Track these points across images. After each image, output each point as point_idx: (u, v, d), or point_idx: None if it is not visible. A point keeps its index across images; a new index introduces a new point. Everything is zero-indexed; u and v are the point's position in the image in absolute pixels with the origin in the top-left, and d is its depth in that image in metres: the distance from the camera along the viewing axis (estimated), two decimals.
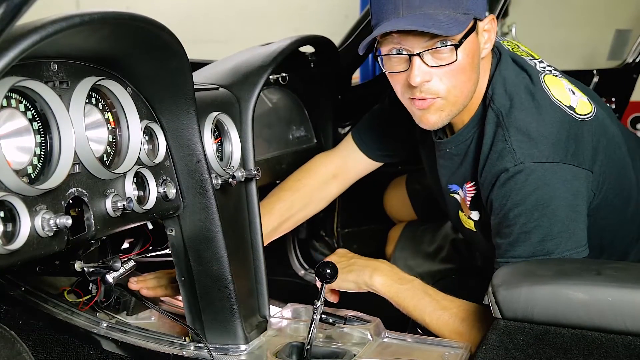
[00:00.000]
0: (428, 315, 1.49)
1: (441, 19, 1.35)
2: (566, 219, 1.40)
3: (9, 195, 0.99)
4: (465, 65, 1.40)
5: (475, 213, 1.59)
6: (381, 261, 1.61)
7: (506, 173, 1.41)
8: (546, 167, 1.39)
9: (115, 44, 1.21)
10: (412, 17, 1.35)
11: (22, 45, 0.93)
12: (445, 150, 1.59)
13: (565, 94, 1.52)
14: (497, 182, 1.43)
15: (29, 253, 1.03)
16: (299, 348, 1.41)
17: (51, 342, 1.47)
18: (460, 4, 1.36)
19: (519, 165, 1.40)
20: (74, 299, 1.53)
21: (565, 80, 1.58)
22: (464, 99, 1.46)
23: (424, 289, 1.53)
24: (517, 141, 1.42)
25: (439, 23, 1.34)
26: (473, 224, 1.61)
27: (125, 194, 1.25)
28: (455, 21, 1.35)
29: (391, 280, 1.54)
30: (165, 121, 1.35)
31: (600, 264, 1.35)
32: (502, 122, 1.44)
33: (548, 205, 1.39)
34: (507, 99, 1.47)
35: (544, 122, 1.44)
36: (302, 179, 1.90)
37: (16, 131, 1.05)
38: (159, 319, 1.57)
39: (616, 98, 2.68)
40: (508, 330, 1.25)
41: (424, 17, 1.35)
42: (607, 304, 1.18)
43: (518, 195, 1.40)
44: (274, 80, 2.02)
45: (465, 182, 1.58)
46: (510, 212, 1.41)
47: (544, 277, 1.26)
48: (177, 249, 1.40)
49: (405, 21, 1.35)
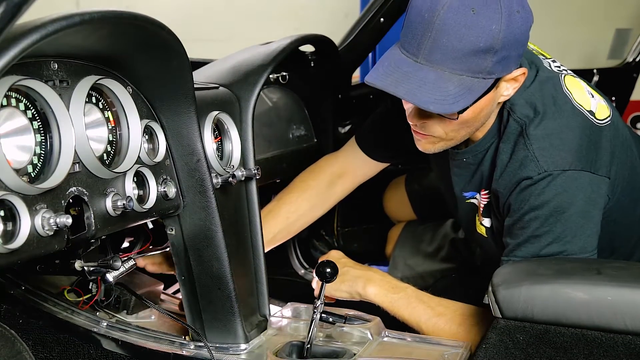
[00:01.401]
0: (424, 323, 1.49)
1: (451, 89, 1.29)
2: (578, 226, 1.40)
3: (9, 194, 0.99)
4: (469, 119, 1.39)
5: (487, 220, 1.59)
6: (374, 270, 1.61)
7: (528, 180, 1.40)
8: (568, 174, 1.39)
9: (115, 43, 1.20)
10: (423, 77, 1.30)
11: (22, 45, 0.93)
12: (462, 160, 1.58)
13: (586, 97, 1.51)
14: (517, 188, 1.42)
15: (29, 252, 1.03)
16: (299, 347, 1.41)
17: (51, 341, 1.47)
18: (483, 68, 1.30)
19: (543, 174, 1.39)
20: (74, 298, 1.53)
21: (583, 81, 1.57)
22: (463, 138, 1.47)
23: (417, 296, 1.53)
24: (539, 149, 1.41)
25: (444, 96, 1.29)
26: (485, 230, 1.61)
27: (125, 193, 1.25)
28: (468, 91, 1.30)
29: (384, 290, 1.54)
30: (165, 120, 1.35)
31: (600, 263, 1.36)
32: (524, 132, 1.43)
33: (564, 212, 1.39)
34: (529, 108, 1.45)
35: (566, 128, 1.43)
36: (308, 181, 1.90)
37: (16, 130, 1.05)
38: (159, 318, 1.57)
39: (616, 97, 2.69)
40: (508, 329, 1.25)
41: (432, 86, 1.29)
42: (607, 303, 1.18)
43: (537, 200, 1.40)
44: (274, 80, 2.02)
45: (479, 189, 1.57)
46: (526, 215, 1.41)
47: (544, 276, 1.26)
48: (177, 248, 1.40)
49: (410, 84, 1.30)
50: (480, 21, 1.27)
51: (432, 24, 1.28)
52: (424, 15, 1.29)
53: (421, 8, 1.30)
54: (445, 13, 1.27)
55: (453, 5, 1.27)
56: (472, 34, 1.27)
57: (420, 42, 1.30)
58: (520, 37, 1.31)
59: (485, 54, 1.28)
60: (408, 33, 1.33)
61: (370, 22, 2.27)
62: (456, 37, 1.27)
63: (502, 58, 1.30)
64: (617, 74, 2.71)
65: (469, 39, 1.27)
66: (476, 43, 1.27)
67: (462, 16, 1.27)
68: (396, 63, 1.34)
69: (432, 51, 1.29)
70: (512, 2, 1.29)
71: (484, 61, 1.29)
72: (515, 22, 1.29)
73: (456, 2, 1.27)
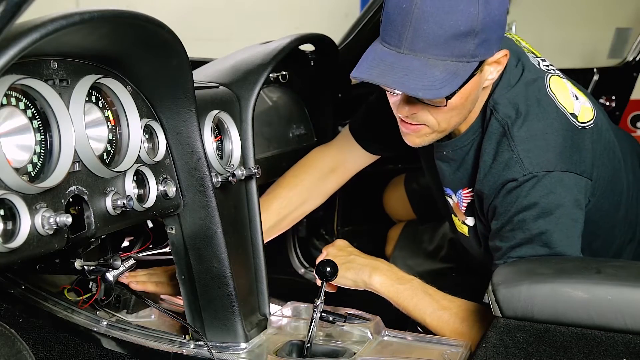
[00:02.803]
0: (428, 315, 1.49)
1: (437, 74, 1.29)
2: (567, 227, 1.40)
3: (9, 194, 0.99)
4: (457, 104, 1.38)
5: (471, 219, 1.58)
6: (380, 260, 1.60)
7: (514, 182, 1.41)
8: (552, 175, 1.40)
9: (115, 42, 1.20)
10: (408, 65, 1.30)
11: (22, 44, 0.93)
12: (443, 152, 1.58)
13: (570, 99, 1.51)
14: (503, 190, 1.42)
15: (29, 251, 1.03)
16: (299, 346, 1.41)
17: (51, 340, 1.47)
18: (465, 51, 1.30)
19: (528, 175, 1.39)
20: (74, 297, 1.53)
21: (569, 82, 1.57)
22: (455, 126, 1.46)
23: (423, 288, 1.53)
24: (524, 150, 1.41)
25: (431, 82, 1.29)
26: (467, 230, 1.61)
27: (125, 192, 1.25)
28: (453, 75, 1.30)
29: (390, 280, 1.54)
30: (165, 119, 1.35)
31: (600, 262, 1.36)
32: (508, 132, 1.43)
33: (552, 213, 1.39)
34: (512, 109, 1.45)
35: (550, 130, 1.43)
36: (300, 175, 1.89)
37: (16, 129, 1.05)
38: (159, 317, 1.57)
39: (616, 96, 2.68)
40: (508, 328, 1.25)
41: (418, 74, 1.30)
42: (607, 303, 1.18)
43: (524, 201, 1.40)
44: (274, 79, 2.02)
45: (461, 187, 1.57)
46: (515, 217, 1.41)
47: (544, 275, 1.26)
48: (177, 247, 1.40)
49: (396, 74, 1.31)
50: (458, 5, 1.27)
51: (410, 14, 1.28)
52: (402, 5, 1.29)
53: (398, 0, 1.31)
54: (422, 1, 1.28)
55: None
56: (452, 19, 1.27)
57: (401, 33, 1.31)
58: (499, 19, 1.31)
59: (467, 37, 1.28)
60: (387, 26, 1.33)
61: (370, 22, 2.27)
62: (436, 23, 1.27)
63: (484, 40, 1.30)
64: (617, 73, 2.71)
65: (449, 24, 1.27)
66: (456, 27, 1.27)
67: (439, 2, 1.27)
68: (379, 56, 1.34)
69: (414, 40, 1.29)
70: None
71: (466, 44, 1.29)
72: (493, 4, 1.29)
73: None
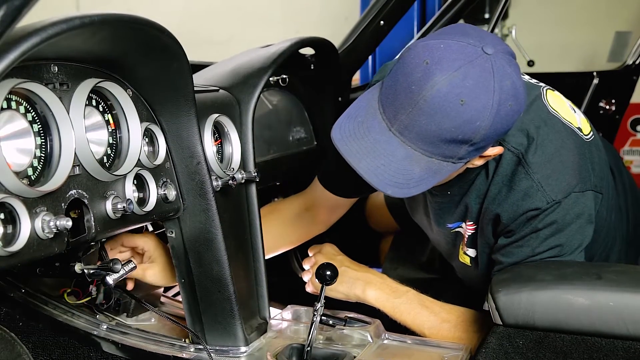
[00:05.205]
0: (427, 329, 1.48)
1: (415, 172, 1.24)
2: (576, 242, 1.40)
3: (9, 197, 0.99)
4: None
5: (472, 251, 1.55)
6: (371, 271, 1.58)
7: (536, 211, 1.37)
8: (572, 196, 1.38)
9: (115, 46, 1.20)
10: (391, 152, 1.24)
11: (23, 48, 0.93)
12: (446, 193, 1.51)
13: (570, 113, 1.49)
14: (522, 217, 1.38)
15: (29, 255, 1.03)
16: (299, 350, 1.41)
17: (51, 344, 1.47)
18: (454, 154, 1.24)
19: (551, 203, 1.36)
20: (74, 300, 1.53)
21: (562, 95, 1.55)
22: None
23: (420, 300, 1.52)
24: (544, 177, 1.37)
25: (406, 180, 1.24)
26: (469, 260, 1.58)
27: (126, 195, 1.25)
28: (433, 174, 1.25)
29: (385, 294, 1.52)
30: (165, 123, 1.35)
31: (600, 267, 1.35)
32: (523, 161, 1.38)
33: (563, 230, 1.38)
34: (522, 136, 1.40)
35: (563, 149, 1.40)
36: (271, 213, 1.79)
37: (16, 133, 1.05)
38: (158, 321, 1.57)
39: (616, 100, 2.68)
40: (508, 334, 1.24)
41: (396, 167, 1.24)
42: (609, 309, 1.17)
43: (540, 224, 1.38)
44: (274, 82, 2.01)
45: (465, 219, 1.52)
46: (527, 236, 1.40)
47: (544, 281, 1.26)
48: (177, 250, 1.40)
49: (375, 158, 1.25)
50: (465, 114, 1.18)
51: (415, 101, 1.20)
52: (411, 86, 1.20)
53: (412, 73, 1.21)
54: (432, 96, 1.18)
55: (442, 90, 1.18)
56: (452, 125, 1.19)
57: (397, 112, 1.23)
58: (503, 129, 1.24)
59: (461, 144, 1.22)
60: (391, 94, 1.25)
61: (370, 25, 2.27)
62: (435, 123, 1.20)
63: (479, 148, 1.25)
64: (617, 76, 2.71)
65: (447, 129, 1.19)
66: (454, 134, 1.20)
67: (448, 104, 1.18)
68: (369, 124, 1.27)
69: (408, 127, 1.22)
70: (507, 95, 1.20)
71: (459, 150, 1.23)
72: (503, 116, 1.21)
73: (446, 87, 1.18)
